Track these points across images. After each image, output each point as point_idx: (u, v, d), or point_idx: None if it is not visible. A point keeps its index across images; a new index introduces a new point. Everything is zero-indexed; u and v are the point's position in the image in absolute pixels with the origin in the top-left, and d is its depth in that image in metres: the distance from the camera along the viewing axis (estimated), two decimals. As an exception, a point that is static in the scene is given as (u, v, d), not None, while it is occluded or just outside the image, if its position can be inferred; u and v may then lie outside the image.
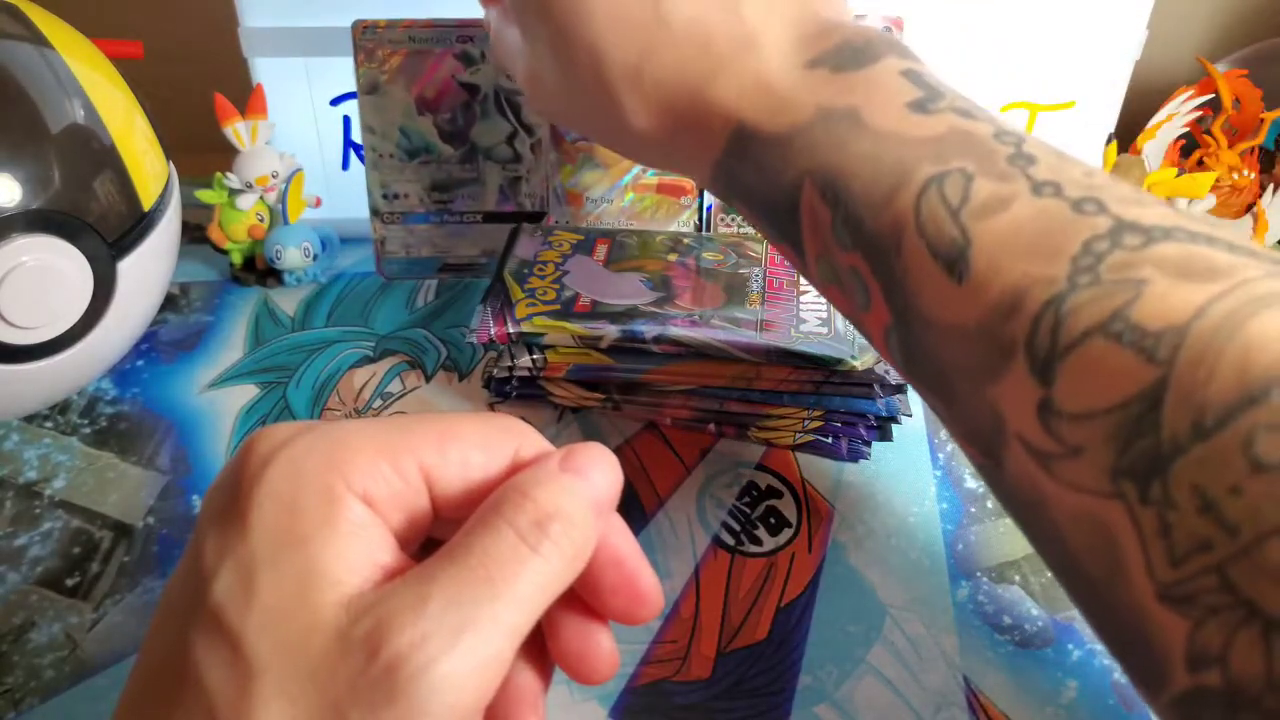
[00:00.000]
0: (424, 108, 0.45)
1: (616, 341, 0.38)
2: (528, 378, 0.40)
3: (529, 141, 0.46)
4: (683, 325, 0.38)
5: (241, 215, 0.47)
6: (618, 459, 0.20)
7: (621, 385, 0.39)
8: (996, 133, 0.25)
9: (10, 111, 0.34)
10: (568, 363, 0.39)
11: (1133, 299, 0.20)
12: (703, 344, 0.37)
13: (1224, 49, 0.60)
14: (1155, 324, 0.20)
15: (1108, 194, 0.23)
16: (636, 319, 0.39)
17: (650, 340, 0.38)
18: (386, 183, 0.46)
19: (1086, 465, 0.20)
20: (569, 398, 0.40)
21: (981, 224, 0.23)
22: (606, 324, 0.38)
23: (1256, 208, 0.50)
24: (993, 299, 0.22)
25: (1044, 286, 0.22)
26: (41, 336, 0.35)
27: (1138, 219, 0.22)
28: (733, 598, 0.33)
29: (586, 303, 0.40)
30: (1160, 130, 0.49)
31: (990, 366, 0.22)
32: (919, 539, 0.36)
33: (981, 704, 0.30)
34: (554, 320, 0.39)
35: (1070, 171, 0.24)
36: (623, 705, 0.30)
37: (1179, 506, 0.19)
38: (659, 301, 0.40)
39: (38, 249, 0.34)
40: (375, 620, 0.17)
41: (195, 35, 0.55)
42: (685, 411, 0.39)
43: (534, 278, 0.42)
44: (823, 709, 0.30)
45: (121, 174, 0.37)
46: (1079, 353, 0.21)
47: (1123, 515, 0.20)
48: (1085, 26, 0.48)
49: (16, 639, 0.31)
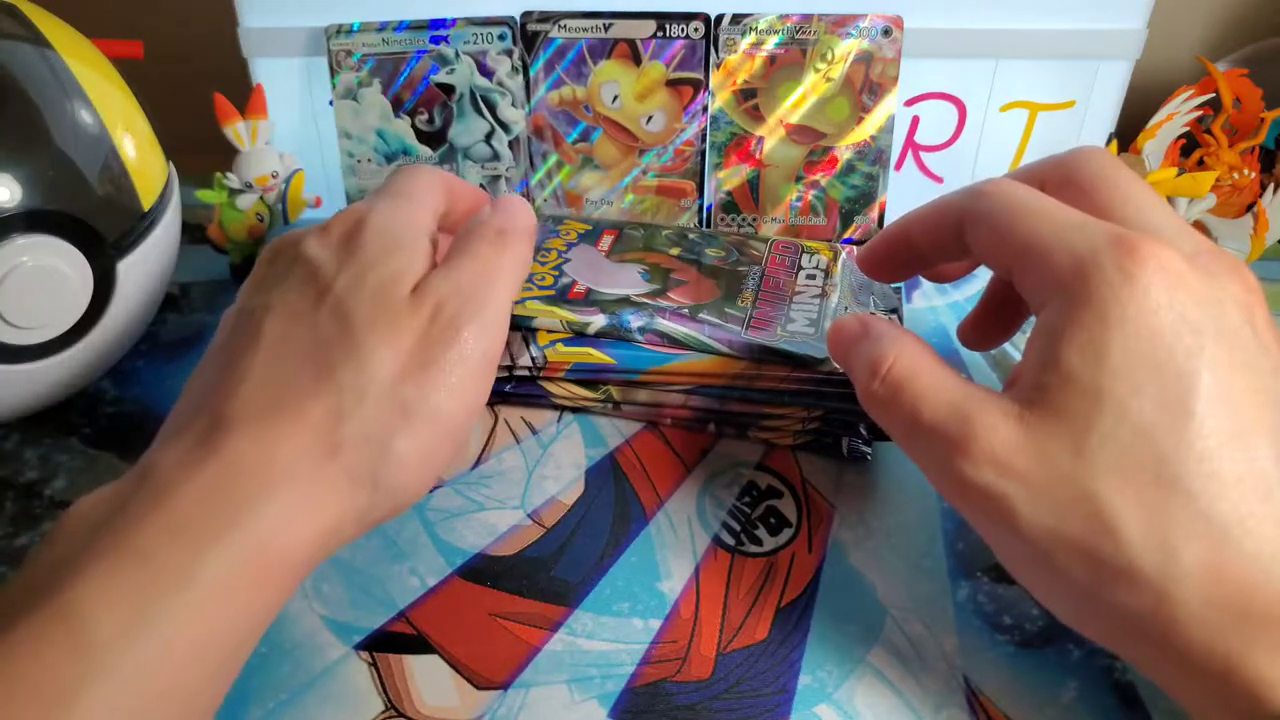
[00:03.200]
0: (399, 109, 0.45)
1: (603, 330, 0.38)
2: (527, 377, 0.40)
3: (507, 139, 0.46)
4: (670, 319, 0.38)
5: (241, 215, 0.47)
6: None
7: (620, 385, 0.39)
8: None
9: (10, 111, 0.34)
10: (567, 362, 0.39)
11: None
12: (686, 336, 0.38)
13: (1224, 49, 0.60)
14: None
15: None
16: (626, 309, 0.39)
17: (635, 330, 0.38)
18: (364, 188, 0.46)
19: None
20: (568, 398, 0.40)
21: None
22: (597, 312, 0.39)
23: (1257, 207, 0.50)
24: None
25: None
26: (41, 336, 0.35)
27: None
28: (733, 598, 0.33)
29: (581, 290, 0.40)
30: (1160, 130, 0.49)
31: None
32: (919, 539, 0.36)
33: (982, 704, 0.30)
34: (545, 305, 0.39)
35: None
36: (622, 705, 0.30)
37: None
38: (653, 294, 0.40)
39: (38, 249, 0.34)
40: (432, 291, 0.27)
41: (195, 35, 0.55)
42: (685, 412, 0.39)
43: (535, 264, 0.42)
44: (823, 709, 0.30)
45: (121, 174, 0.37)
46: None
47: None
48: (1085, 26, 0.48)
49: (16, 639, 0.31)
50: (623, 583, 0.34)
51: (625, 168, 0.48)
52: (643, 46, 0.46)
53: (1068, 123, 0.51)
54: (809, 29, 0.46)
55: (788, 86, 0.47)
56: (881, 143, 0.48)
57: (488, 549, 0.35)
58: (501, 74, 0.46)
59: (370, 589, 0.33)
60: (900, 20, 0.46)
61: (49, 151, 0.35)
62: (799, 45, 0.46)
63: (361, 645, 0.31)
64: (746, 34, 0.46)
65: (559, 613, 0.33)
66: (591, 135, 0.47)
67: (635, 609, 0.33)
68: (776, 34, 0.46)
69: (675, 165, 0.48)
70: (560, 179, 0.48)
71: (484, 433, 0.40)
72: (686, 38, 0.46)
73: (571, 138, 0.47)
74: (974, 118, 0.50)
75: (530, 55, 0.46)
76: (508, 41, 0.45)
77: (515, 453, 0.39)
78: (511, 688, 0.30)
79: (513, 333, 0.39)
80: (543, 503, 0.37)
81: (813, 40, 0.46)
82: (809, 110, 0.47)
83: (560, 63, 0.46)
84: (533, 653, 0.31)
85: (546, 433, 0.40)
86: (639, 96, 0.47)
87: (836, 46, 0.46)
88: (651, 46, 0.46)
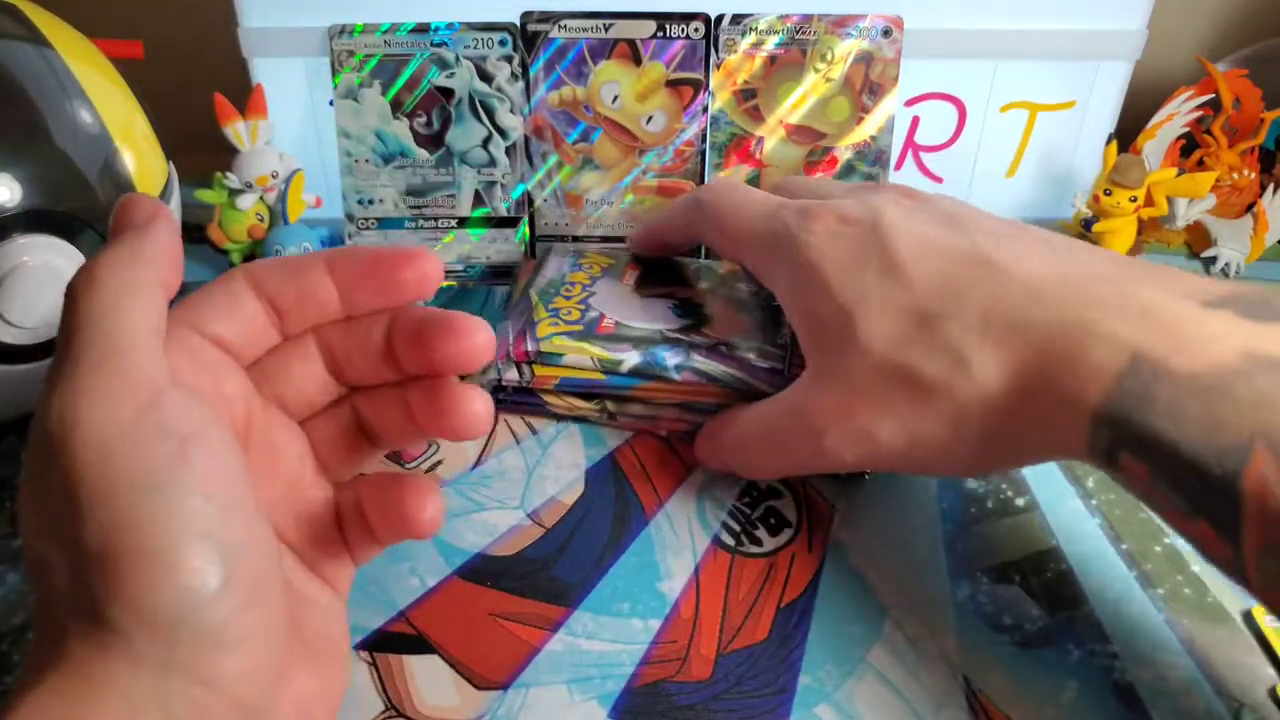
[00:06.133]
0: (399, 111, 0.45)
1: (636, 368, 0.37)
2: (521, 387, 0.39)
3: (504, 145, 0.46)
4: (707, 355, 0.37)
5: (241, 215, 0.47)
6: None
7: (615, 397, 0.39)
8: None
9: (10, 111, 0.34)
10: (555, 376, 0.38)
11: None
12: (725, 375, 0.36)
13: (1224, 49, 0.60)
14: None
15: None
16: (659, 345, 0.38)
17: (670, 368, 0.37)
18: (361, 188, 0.46)
19: None
20: (564, 407, 0.40)
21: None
22: (629, 348, 0.37)
23: (1257, 207, 0.50)
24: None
25: None
26: (41, 336, 0.35)
27: None
28: (733, 598, 0.33)
29: (610, 325, 0.39)
30: (1160, 130, 0.49)
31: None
32: (919, 539, 0.36)
33: (982, 704, 0.30)
34: (574, 341, 0.38)
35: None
36: (622, 705, 0.30)
37: None
38: (685, 329, 0.39)
39: (38, 249, 0.34)
40: None
41: (195, 35, 0.55)
42: (681, 425, 0.39)
43: (560, 298, 0.41)
44: (823, 709, 0.30)
45: (121, 174, 0.37)
46: None
47: None
48: (1085, 26, 0.48)
49: (16, 639, 0.31)
50: (623, 583, 0.34)
51: (625, 168, 0.48)
52: (643, 47, 0.46)
53: (1068, 123, 0.51)
54: (809, 29, 0.46)
55: (788, 87, 0.47)
56: (881, 143, 0.48)
57: (488, 549, 0.35)
58: (501, 80, 0.46)
59: (370, 589, 0.33)
60: (900, 20, 0.46)
61: (49, 151, 0.35)
62: (799, 45, 0.46)
63: (361, 645, 0.31)
64: (746, 34, 0.46)
65: (559, 613, 0.33)
66: (591, 135, 0.47)
67: (635, 609, 0.33)
68: (776, 34, 0.46)
69: (675, 165, 0.48)
70: (560, 179, 0.48)
71: (484, 433, 0.40)
72: (686, 38, 0.46)
73: (571, 138, 0.47)
74: (974, 118, 0.50)
75: (530, 55, 0.46)
76: (508, 47, 0.45)
77: (515, 453, 0.39)
78: (511, 688, 0.30)
79: (504, 341, 0.38)
80: (543, 503, 0.37)
81: (813, 40, 0.46)
82: (809, 110, 0.47)
83: (560, 63, 0.46)
84: (533, 653, 0.31)
85: (546, 433, 0.40)
86: (639, 97, 0.47)
87: (836, 47, 0.46)
88: (651, 47, 0.46)
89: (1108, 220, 0.48)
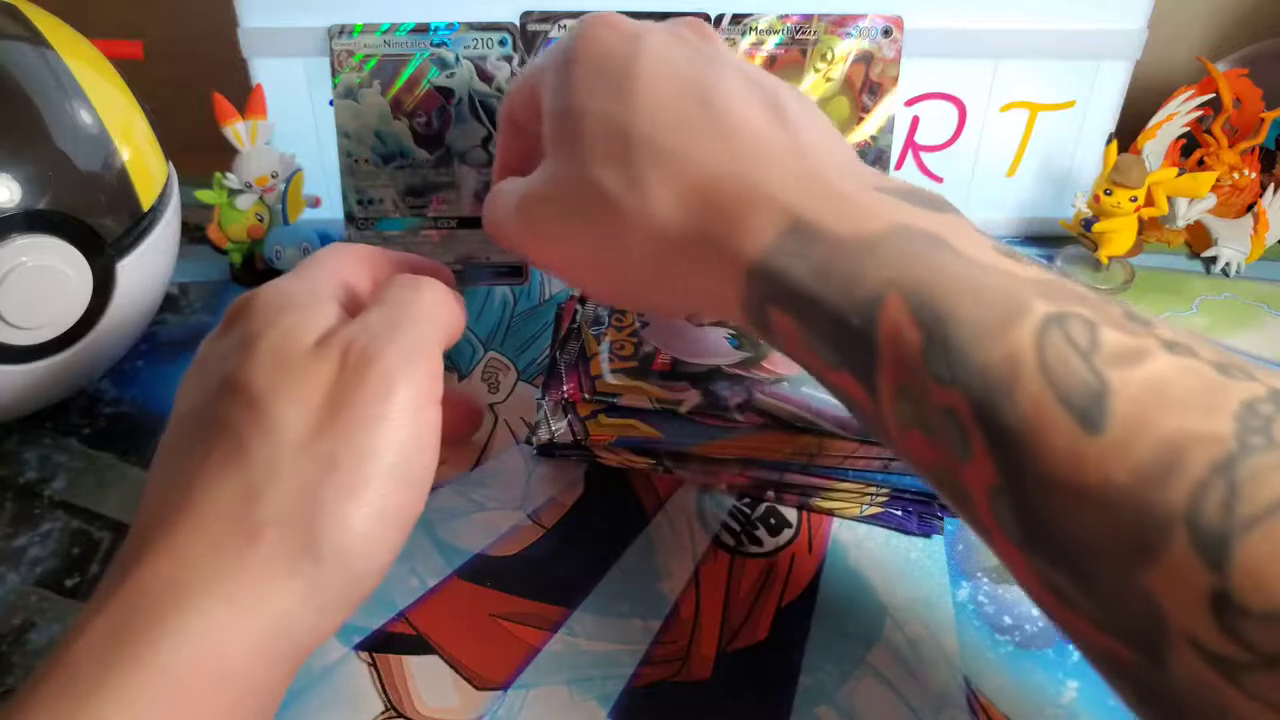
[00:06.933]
0: (399, 111, 0.45)
1: (697, 408, 0.35)
2: (570, 445, 0.37)
3: None
4: (771, 395, 0.35)
5: (241, 215, 0.47)
6: None
7: (673, 454, 0.37)
8: (1099, 292, 0.22)
9: (10, 111, 0.34)
10: (611, 435, 0.36)
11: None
12: (794, 416, 0.34)
13: (1224, 49, 0.60)
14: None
15: (1249, 366, 0.20)
16: (719, 381, 0.36)
17: (734, 408, 0.35)
18: (361, 188, 0.46)
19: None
20: (618, 461, 0.37)
21: (1118, 371, 0.20)
22: (688, 388, 0.35)
23: (1257, 207, 0.50)
24: (1140, 458, 0.19)
25: (1206, 446, 0.18)
26: (41, 336, 0.35)
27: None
28: (733, 598, 0.33)
29: (666, 360, 0.37)
30: (1160, 130, 0.49)
31: (1140, 544, 0.19)
32: (919, 539, 0.36)
33: (982, 705, 0.30)
34: (632, 379, 0.36)
35: (1197, 339, 0.21)
36: (622, 706, 0.30)
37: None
38: (745, 363, 0.36)
39: (38, 249, 0.34)
40: (338, 338, 0.25)
41: (195, 35, 0.55)
42: (743, 480, 0.36)
43: (611, 329, 0.39)
44: (823, 710, 0.30)
45: (121, 174, 0.37)
46: (1263, 532, 0.17)
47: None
48: (1085, 26, 0.48)
49: (16, 639, 0.31)
50: (623, 583, 0.34)
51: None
52: (643, 46, 0.46)
53: (1068, 123, 0.50)
54: (809, 29, 0.46)
55: (788, 86, 0.47)
56: (882, 143, 0.48)
57: (488, 549, 0.35)
58: (501, 80, 0.46)
59: (370, 589, 0.33)
60: (900, 20, 0.46)
61: (49, 151, 0.35)
62: (799, 45, 0.46)
63: (361, 646, 0.31)
64: (746, 34, 0.46)
65: (559, 613, 0.33)
66: (591, 135, 0.47)
67: (635, 609, 0.33)
68: (776, 34, 0.46)
69: (675, 165, 0.48)
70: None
71: (484, 433, 0.40)
72: (686, 38, 0.46)
73: None
74: (974, 118, 0.50)
75: (530, 55, 0.46)
76: (508, 47, 0.45)
77: (515, 453, 0.39)
78: (511, 688, 0.30)
79: (546, 402, 0.37)
80: (543, 503, 0.37)
81: (813, 40, 0.46)
82: (809, 110, 0.47)
83: (560, 63, 0.46)
84: (533, 653, 0.31)
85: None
86: (639, 96, 0.47)
87: (836, 46, 0.46)
88: (651, 46, 0.46)
89: (1108, 220, 0.48)
